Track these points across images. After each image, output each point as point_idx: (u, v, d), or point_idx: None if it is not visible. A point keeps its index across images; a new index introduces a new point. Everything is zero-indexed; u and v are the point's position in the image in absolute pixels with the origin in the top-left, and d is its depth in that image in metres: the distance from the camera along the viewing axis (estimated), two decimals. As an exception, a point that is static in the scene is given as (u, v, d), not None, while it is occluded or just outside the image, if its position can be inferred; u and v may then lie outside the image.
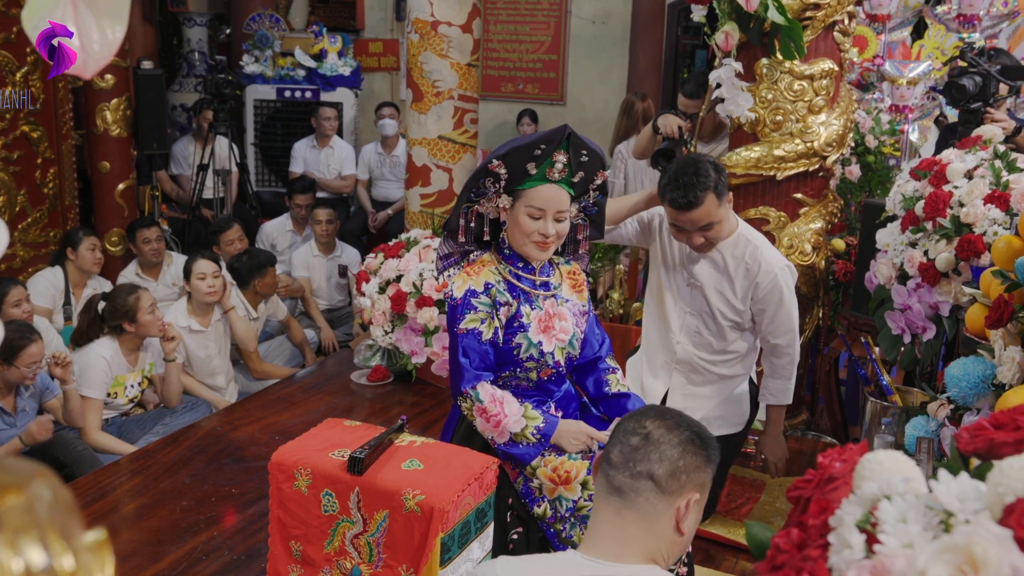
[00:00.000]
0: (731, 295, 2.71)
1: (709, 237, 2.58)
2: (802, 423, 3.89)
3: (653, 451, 1.39)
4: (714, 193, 2.49)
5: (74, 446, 3.43)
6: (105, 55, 0.75)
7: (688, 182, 2.47)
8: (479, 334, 2.10)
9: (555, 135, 2.09)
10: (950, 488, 0.68)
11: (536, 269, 2.20)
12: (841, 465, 0.88)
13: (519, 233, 2.13)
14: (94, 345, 3.74)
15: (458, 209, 2.18)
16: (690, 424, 1.45)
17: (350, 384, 4.12)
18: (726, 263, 2.69)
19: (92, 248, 4.61)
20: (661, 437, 1.40)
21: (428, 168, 4.38)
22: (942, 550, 0.61)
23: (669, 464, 1.39)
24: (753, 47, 3.47)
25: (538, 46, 7.48)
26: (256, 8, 7.42)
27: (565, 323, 2.21)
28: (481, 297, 2.12)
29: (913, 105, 4.66)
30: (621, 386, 2.33)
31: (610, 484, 1.40)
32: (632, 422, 1.44)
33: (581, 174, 2.14)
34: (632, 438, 1.41)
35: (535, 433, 2.07)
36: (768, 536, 0.85)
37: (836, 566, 0.70)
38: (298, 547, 2.04)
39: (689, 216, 2.51)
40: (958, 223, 2.72)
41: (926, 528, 0.67)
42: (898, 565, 0.63)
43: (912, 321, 2.94)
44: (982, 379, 2.05)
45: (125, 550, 2.71)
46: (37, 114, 5.04)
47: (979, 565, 0.58)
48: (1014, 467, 0.65)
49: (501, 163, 2.09)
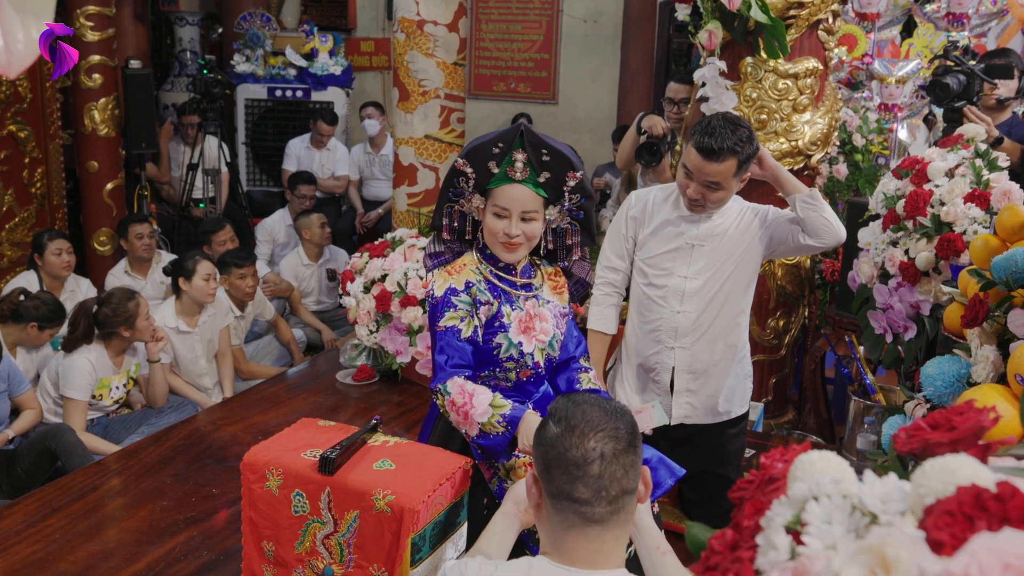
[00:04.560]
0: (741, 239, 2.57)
1: (707, 197, 2.46)
2: (788, 422, 3.88)
3: (615, 468, 1.35)
4: (738, 160, 2.40)
5: (66, 436, 3.43)
6: (30, 55, 0.74)
7: (721, 134, 2.37)
8: (458, 331, 2.10)
9: (509, 133, 2.10)
10: (874, 489, 0.67)
11: (517, 270, 2.20)
12: (782, 466, 0.88)
13: (488, 233, 2.15)
14: (80, 348, 3.73)
15: (440, 208, 2.20)
16: (609, 413, 1.40)
17: (335, 384, 4.11)
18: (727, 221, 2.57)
19: (58, 252, 4.50)
20: (611, 449, 1.36)
21: (415, 167, 4.37)
22: (858, 552, 0.60)
23: (633, 468, 1.38)
24: (738, 46, 3.46)
25: (530, 45, 7.47)
26: (247, 7, 7.40)
27: (545, 324, 2.20)
28: (461, 295, 2.12)
29: (902, 103, 4.65)
30: (592, 384, 2.32)
31: (587, 519, 1.35)
32: (574, 449, 1.35)
33: (547, 174, 2.12)
34: (589, 467, 1.34)
35: (501, 421, 2.02)
36: (707, 537, 0.85)
37: (762, 567, 0.70)
38: (270, 547, 2.03)
39: (704, 166, 2.40)
40: (938, 222, 2.71)
41: (849, 529, 0.66)
42: (817, 567, 0.63)
43: (894, 320, 2.93)
44: (957, 378, 2.03)
45: (104, 550, 2.70)
46: (24, 113, 5.04)
47: (891, 566, 0.57)
48: (936, 468, 0.65)
49: (466, 162, 2.11)
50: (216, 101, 5.97)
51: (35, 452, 3.42)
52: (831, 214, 2.51)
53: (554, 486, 1.36)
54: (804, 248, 2.59)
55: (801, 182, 2.61)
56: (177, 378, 4.17)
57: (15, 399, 3.61)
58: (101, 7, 5.28)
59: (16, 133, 5.01)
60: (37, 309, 3.88)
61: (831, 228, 2.51)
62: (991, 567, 0.51)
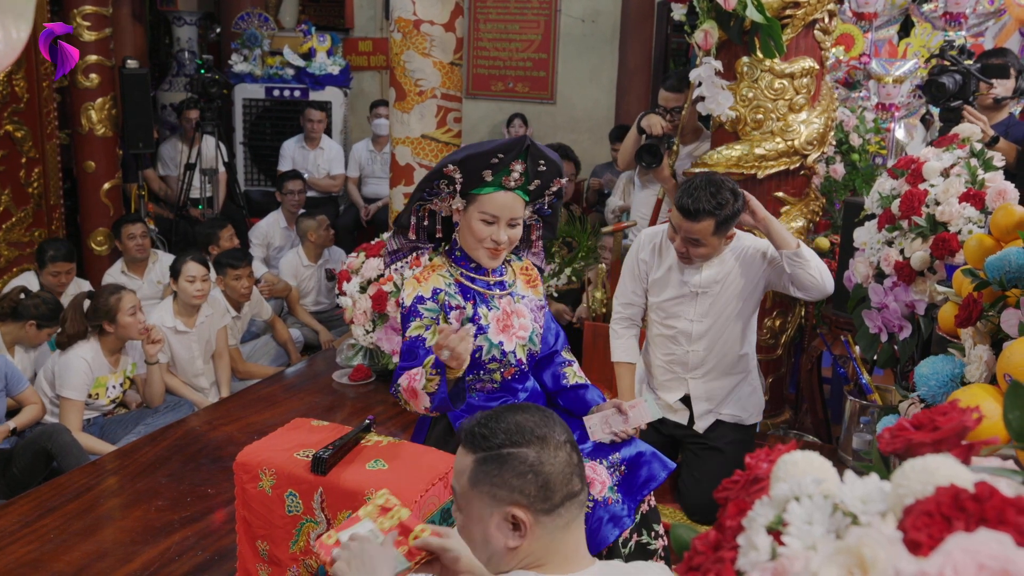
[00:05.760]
0: (743, 280, 2.80)
1: (692, 252, 2.69)
2: (785, 422, 3.88)
3: (565, 470, 1.33)
4: (715, 221, 2.59)
5: (62, 436, 3.43)
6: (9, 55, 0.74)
7: (699, 196, 2.56)
8: (422, 340, 2.08)
9: (515, 145, 2.07)
10: (854, 490, 0.67)
11: (488, 270, 2.19)
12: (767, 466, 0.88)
13: (471, 237, 2.11)
14: (75, 346, 3.73)
15: (410, 206, 2.16)
16: (528, 409, 1.38)
17: (332, 384, 4.11)
18: (726, 267, 2.79)
19: (56, 274, 4.53)
20: (565, 434, 1.36)
21: (411, 167, 4.37)
22: (836, 552, 0.60)
23: (579, 465, 1.38)
24: (734, 45, 3.46)
25: (528, 45, 7.47)
26: (245, 7, 7.40)
27: (523, 320, 2.20)
28: (428, 303, 2.11)
29: (899, 103, 4.65)
30: (579, 378, 2.34)
31: (582, 504, 1.36)
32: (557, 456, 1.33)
33: (537, 182, 2.13)
34: (572, 458, 1.35)
35: (432, 372, 1.90)
36: (690, 537, 0.84)
37: (742, 568, 0.69)
38: (264, 547, 2.03)
39: (684, 224, 2.63)
40: (933, 221, 2.71)
41: (830, 530, 0.66)
42: (796, 567, 0.62)
43: (889, 320, 2.93)
44: (951, 378, 2.03)
45: (99, 550, 2.70)
46: (21, 113, 5.03)
47: (868, 567, 0.57)
48: (915, 468, 0.65)
49: (456, 168, 2.07)
50: (214, 101, 5.97)
51: (31, 452, 3.42)
52: (817, 269, 2.71)
53: (557, 497, 1.32)
54: (797, 295, 2.83)
55: (791, 236, 2.79)
56: (174, 378, 4.17)
57: (16, 397, 3.61)
58: (98, 7, 5.28)
59: (13, 133, 5.00)
60: (36, 307, 3.88)
61: (816, 284, 2.72)
62: (965, 567, 0.51)
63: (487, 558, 1.33)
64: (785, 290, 2.82)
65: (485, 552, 1.33)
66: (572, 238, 4.04)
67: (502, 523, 1.31)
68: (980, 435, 0.86)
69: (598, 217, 5.40)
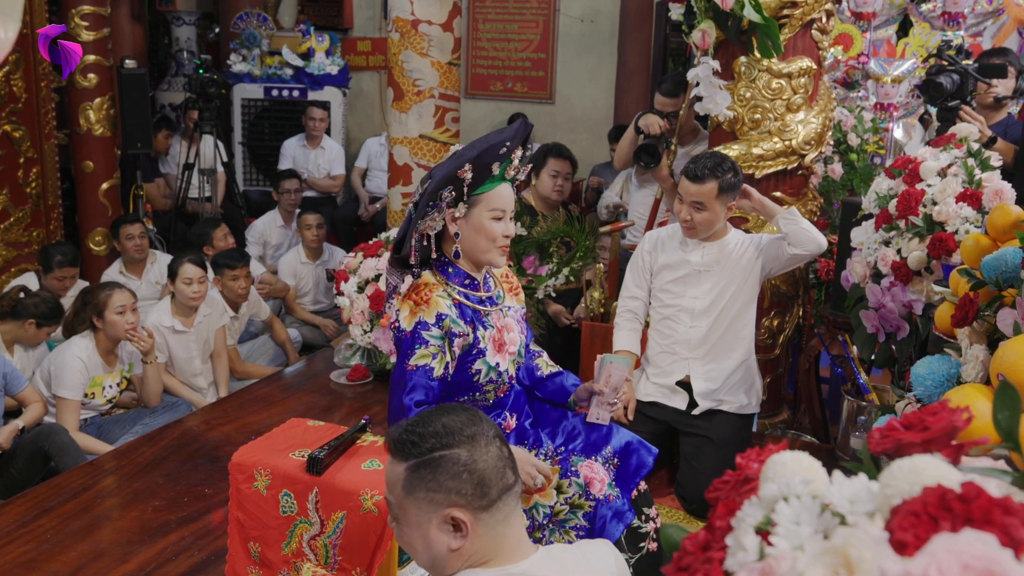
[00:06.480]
0: (742, 261, 3.01)
1: (696, 219, 2.91)
2: (783, 422, 3.87)
3: (498, 464, 1.34)
4: (719, 184, 2.85)
5: (59, 436, 3.43)
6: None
7: (705, 163, 2.87)
8: (430, 370, 1.97)
9: (521, 130, 2.02)
10: (843, 490, 0.67)
11: (479, 284, 2.12)
12: (757, 466, 0.87)
13: (484, 239, 2.02)
14: (70, 346, 3.73)
15: (409, 231, 2.01)
16: (453, 409, 1.39)
17: (330, 384, 4.10)
18: (727, 250, 3.02)
19: (60, 279, 4.55)
20: (492, 429, 1.37)
21: (409, 167, 4.37)
22: (822, 552, 0.60)
23: (510, 458, 1.39)
24: (731, 45, 3.46)
25: (527, 44, 7.46)
26: (244, 7, 7.39)
27: (512, 334, 2.17)
28: (433, 330, 1.98)
29: (898, 103, 4.65)
30: (550, 366, 2.35)
31: (517, 496, 1.37)
32: (489, 451, 1.34)
33: (527, 168, 2.14)
34: (502, 452, 1.36)
35: None
36: (680, 537, 0.84)
37: (730, 568, 0.69)
38: (256, 548, 2.03)
39: (690, 187, 2.88)
40: (930, 221, 2.71)
41: (818, 530, 0.66)
42: (783, 567, 0.62)
43: (886, 319, 2.93)
44: (947, 378, 2.03)
45: (95, 550, 2.70)
46: (19, 113, 5.03)
47: (854, 567, 0.56)
48: (903, 468, 0.64)
49: (471, 166, 1.96)
50: (212, 101, 5.96)
51: (28, 452, 3.42)
52: (808, 225, 2.95)
53: (494, 492, 1.32)
54: (793, 259, 2.99)
55: (779, 205, 3.10)
56: (172, 378, 4.17)
57: (16, 396, 3.61)
58: (96, 7, 5.27)
59: (11, 133, 5.00)
60: (36, 306, 3.89)
61: (809, 235, 2.91)
62: (950, 568, 0.51)
63: (430, 563, 1.34)
64: (786, 258, 2.98)
65: (428, 557, 1.33)
66: (570, 238, 4.04)
67: (442, 526, 1.31)
68: (971, 435, 0.86)
69: (597, 217, 5.40)
